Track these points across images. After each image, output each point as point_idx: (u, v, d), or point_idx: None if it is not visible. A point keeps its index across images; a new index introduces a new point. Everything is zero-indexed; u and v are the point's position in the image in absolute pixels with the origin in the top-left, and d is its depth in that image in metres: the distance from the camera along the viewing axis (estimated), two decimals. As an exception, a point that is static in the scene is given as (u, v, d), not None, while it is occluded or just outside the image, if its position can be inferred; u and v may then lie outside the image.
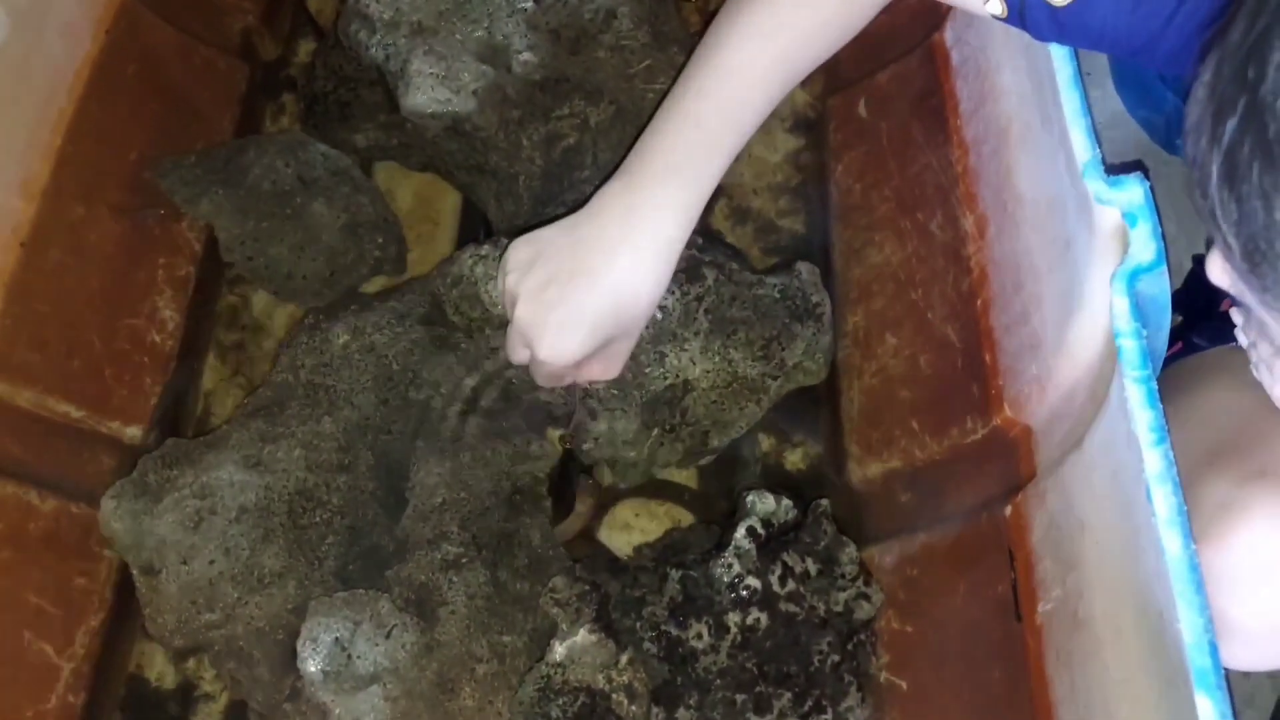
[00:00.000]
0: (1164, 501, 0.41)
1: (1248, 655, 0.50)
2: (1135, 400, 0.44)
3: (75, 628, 0.66)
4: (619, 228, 0.59)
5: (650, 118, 0.63)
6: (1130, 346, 0.45)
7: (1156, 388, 0.44)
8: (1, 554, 0.63)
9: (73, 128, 0.73)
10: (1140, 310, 0.46)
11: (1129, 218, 0.47)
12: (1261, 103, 0.30)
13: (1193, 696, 0.37)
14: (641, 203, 0.59)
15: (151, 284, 0.76)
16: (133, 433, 0.72)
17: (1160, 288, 0.46)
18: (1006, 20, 0.54)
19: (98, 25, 0.77)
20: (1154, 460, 0.42)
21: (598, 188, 0.63)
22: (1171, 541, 0.40)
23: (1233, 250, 0.33)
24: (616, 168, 0.63)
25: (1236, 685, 0.79)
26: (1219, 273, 0.37)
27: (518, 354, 0.63)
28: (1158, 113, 0.95)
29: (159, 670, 0.70)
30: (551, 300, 0.59)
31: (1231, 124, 0.31)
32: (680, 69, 0.63)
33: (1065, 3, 0.50)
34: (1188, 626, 0.39)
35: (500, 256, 0.69)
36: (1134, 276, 0.46)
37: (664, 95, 0.63)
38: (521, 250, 0.61)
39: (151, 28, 0.82)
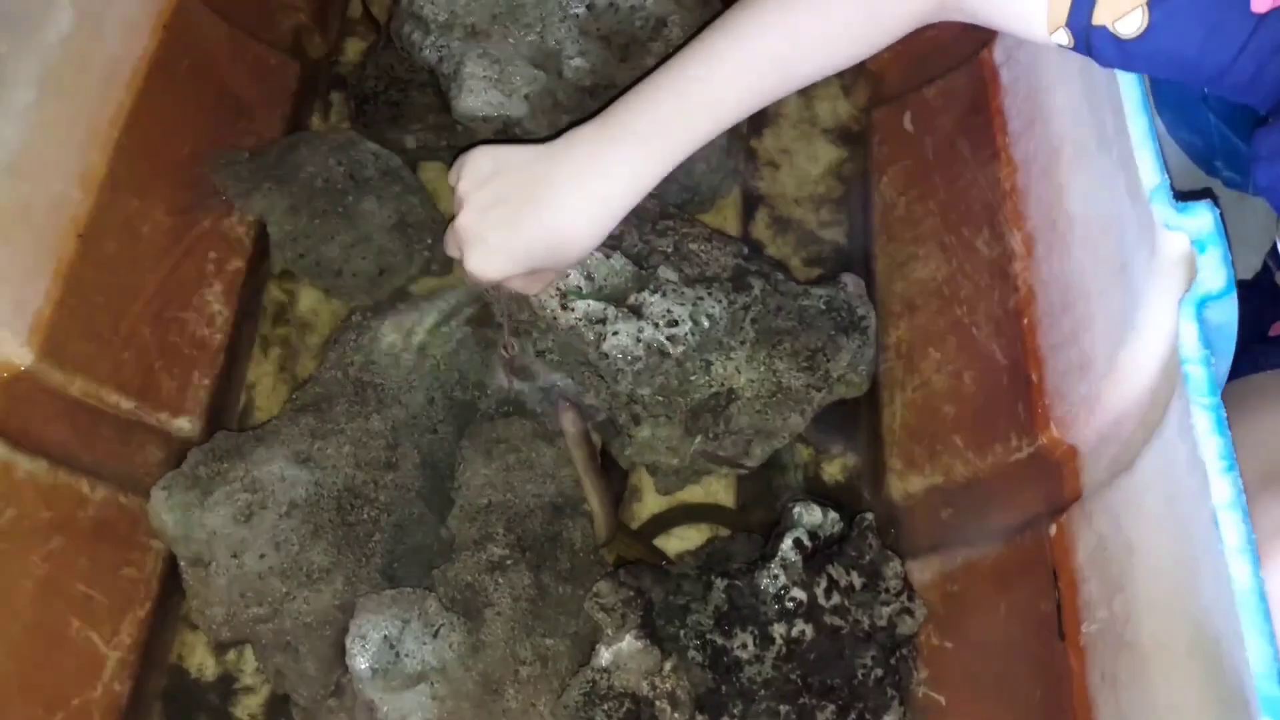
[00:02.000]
0: (1233, 530, 0.42)
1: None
2: (1203, 427, 0.44)
3: (122, 617, 0.66)
4: (576, 174, 0.60)
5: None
6: (1198, 374, 0.45)
7: (1225, 415, 0.45)
8: (52, 542, 0.64)
9: (130, 121, 0.74)
10: (1208, 338, 0.46)
11: (1198, 244, 0.47)
12: None
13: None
14: (604, 156, 0.60)
15: (202, 278, 0.77)
16: (181, 424, 0.73)
17: (1229, 316, 0.46)
18: (1073, 50, 0.54)
19: (156, 20, 0.78)
20: (1223, 488, 0.43)
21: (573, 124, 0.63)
22: (1240, 570, 0.41)
23: None
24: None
25: None
26: None
27: (450, 250, 0.64)
28: (1198, 134, 0.95)
29: (200, 661, 0.70)
30: (493, 221, 0.60)
31: None
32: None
33: (1133, 35, 0.49)
34: (1256, 656, 0.39)
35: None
36: (1203, 304, 0.46)
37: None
38: (482, 160, 0.62)
39: (207, 23, 0.83)
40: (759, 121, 0.93)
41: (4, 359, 0.64)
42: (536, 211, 0.60)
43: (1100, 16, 0.50)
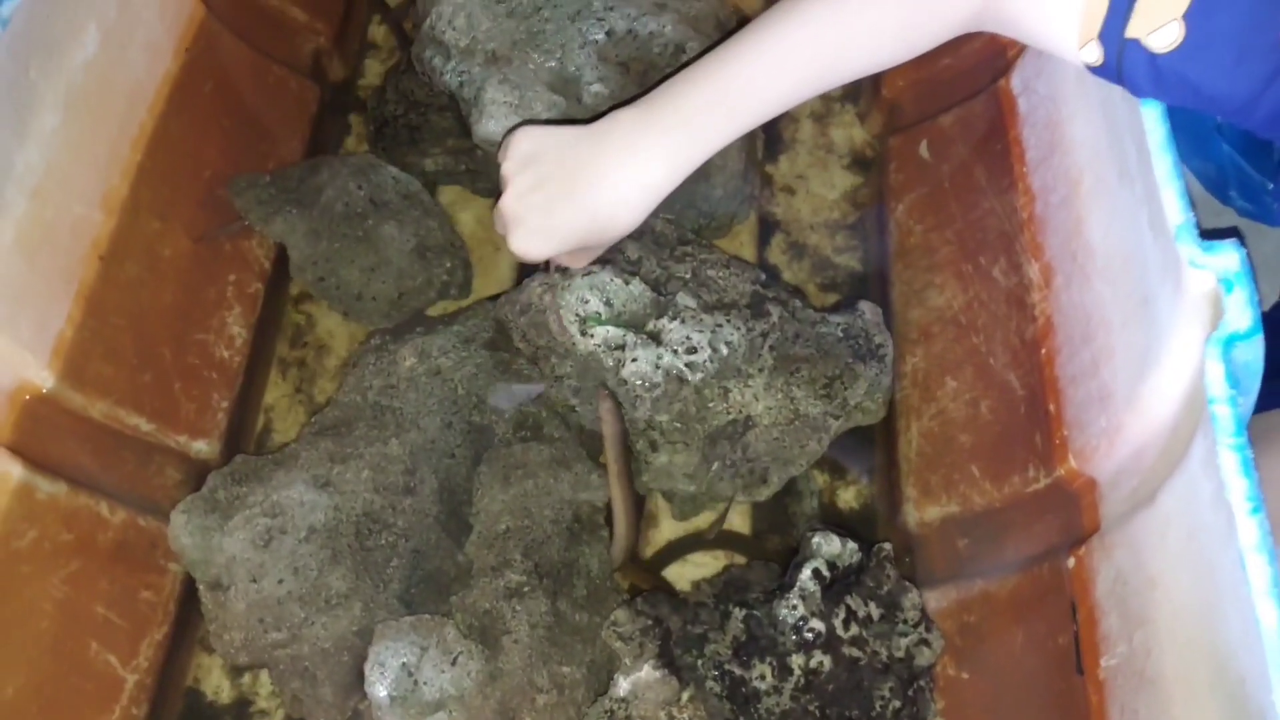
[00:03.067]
0: (1260, 572, 0.42)
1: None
2: (1230, 468, 0.44)
3: (140, 640, 0.66)
4: (616, 158, 0.61)
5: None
6: (1225, 413, 0.46)
7: (1251, 456, 0.45)
8: (72, 564, 0.64)
9: (151, 143, 0.75)
10: (1235, 377, 0.46)
11: (1225, 284, 0.47)
12: None
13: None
14: (644, 142, 0.61)
15: (221, 300, 0.77)
16: (199, 447, 0.73)
17: (1255, 355, 0.47)
18: (1101, 69, 0.54)
19: (179, 43, 0.79)
20: (1249, 529, 0.43)
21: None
22: (1267, 612, 0.41)
23: None
24: (674, 194, 0.64)
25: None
26: None
27: (497, 228, 0.65)
28: (1212, 163, 0.95)
29: (216, 685, 0.70)
30: (535, 204, 0.62)
31: None
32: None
33: (1167, 49, 0.49)
34: (1282, 699, 0.39)
35: (570, 287, 0.70)
36: (1230, 343, 0.46)
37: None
38: (525, 142, 0.63)
39: (228, 47, 0.84)
40: (775, 147, 0.93)
41: (26, 381, 0.64)
42: (576, 196, 0.61)
43: (1135, 29, 0.50)
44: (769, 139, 0.93)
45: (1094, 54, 0.53)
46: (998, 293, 0.76)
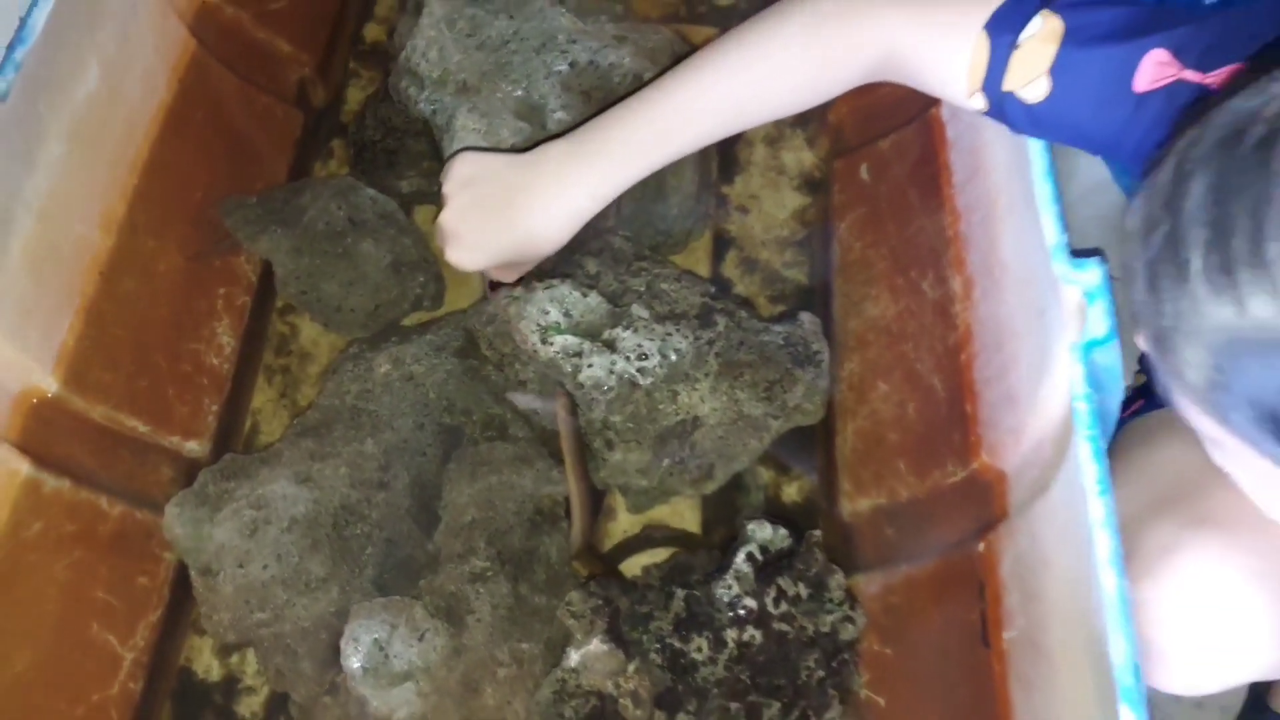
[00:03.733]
0: (1105, 545, 0.48)
1: (1179, 681, 0.57)
2: (1084, 455, 0.51)
3: (137, 622, 0.73)
4: (545, 184, 0.68)
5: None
6: (1083, 409, 0.52)
7: (1104, 446, 0.51)
8: (75, 553, 0.70)
9: (147, 167, 0.81)
10: (1095, 377, 0.53)
11: (1088, 296, 0.54)
12: (1178, 232, 0.37)
13: (1117, 710, 0.44)
14: (570, 172, 0.68)
15: (212, 312, 0.84)
16: (191, 447, 0.80)
17: (1113, 359, 0.53)
18: (987, 114, 0.61)
19: (172, 74, 0.85)
20: (1097, 508, 0.49)
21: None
22: (1108, 579, 0.47)
23: (1148, 336, 0.40)
24: (633, 213, 0.71)
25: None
26: (1143, 345, 0.44)
27: (438, 242, 0.73)
28: (1140, 181, 1.02)
29: (206, 664, 0.76)
30: (471, 223, 0.69)
31: (1157, 242, 0.38)
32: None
33: (1038, 100, 0.57)
34: (1117, 651, 0.46)
35: (532, 300, 0.77)
36: (1089, 348, 0.53)
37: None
38: (464, 166, 0.71)
39: (218, 76, 0.90)
40: (730, 169, 1.00)
41: (33, 386, 0.71)
42: (508, 216, 0.69)
43: (1010, 83, 0.57)
44: (724, 161, 1.00)
45: (980, 103, 0.60)
46: (925, 304, 0.82)
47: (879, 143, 0.94)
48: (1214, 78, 0.50)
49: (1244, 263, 0.34)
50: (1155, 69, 0.51)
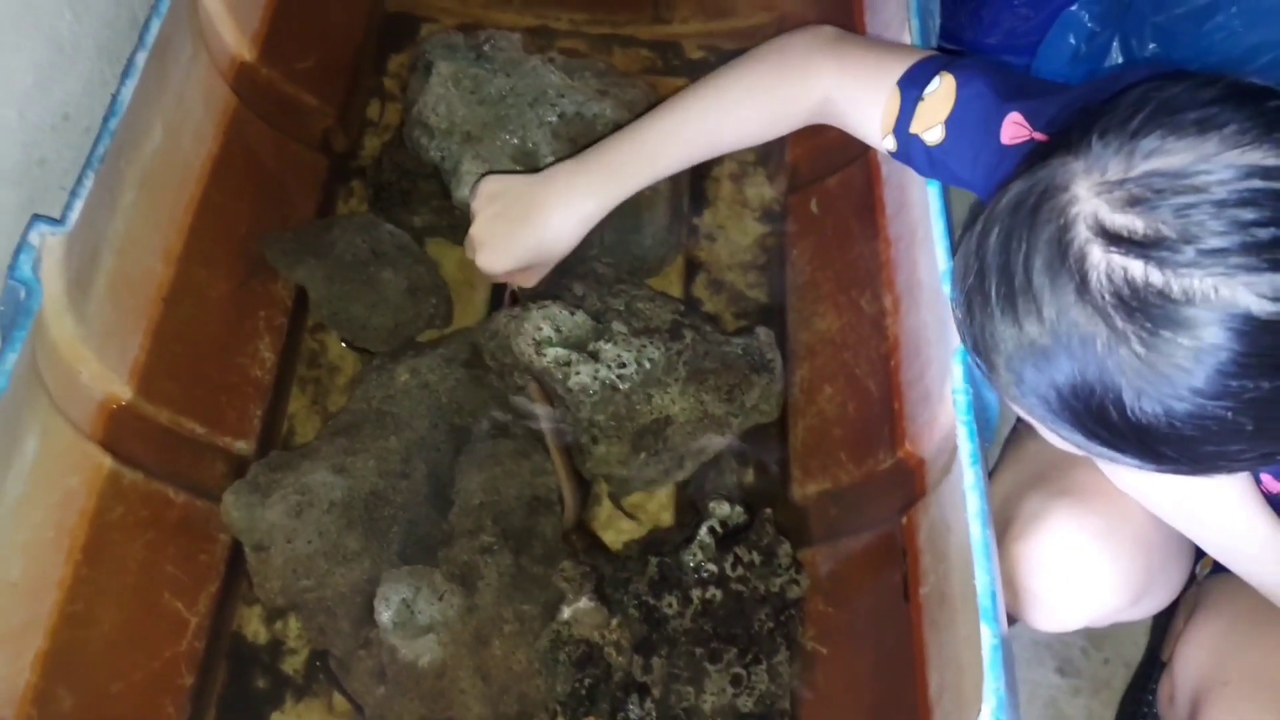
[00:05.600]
0: (973, 503, 0.63)
1: (1050, 620, 0.71)
2: (961, 435, 0.65)
3: (199, 592, 0.86)
4: (558, 195, 0.83)
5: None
6: (960, 400, 0.67)
7: (976, 428, 0.66)
8: (148, 534, 0.84)
9: (199, 208, 0.94)
10: (970, 376, 0.67)
11: (965, 311, 0.68)
12: (983, 269, 0.51)
13: (979, 626, 0.59)
14: (579, 184, 0.83)
15: (255, 331, 0.98)
16: (240, 445, 0.93)
17: (985, 360, 0.68)
18: (896, 155, 0.75)
19: (218, 128, 0.99)
20: (969, 476, 0.64)
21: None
22: (975, 530, 0.62)
23: (968, 348, 0.54)
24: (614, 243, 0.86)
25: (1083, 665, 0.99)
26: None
27: (468, 253, 0.87)
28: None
29: (254, 629, 0.90)
30: (497, 231, 0.84)
31: (971, 277, 0.52)
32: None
33: (935, 144, 0.70)
34: (981, 585, 0.60)
35: (528, 318, 0.91)
36: (965, 354, 0.67)
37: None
38: (491, 184, 0.86)
39: (256, 128, 1.04)
40: (699, 203, 1.14)
41: (112, 394, 0.84)
42: (528, 223, 0.84)
43: (915, 127, 0.71)
44: (694, 195, 1.14)
45: (891, 144, 0.74)
46: (863, 319, 0.97)
47: (827, 180, 1.09)
48: None
49: (1020, 293, 0.48)
50: (1013, 128, 0.65)
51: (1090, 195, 0.46)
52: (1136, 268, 0.44)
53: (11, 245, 0.74)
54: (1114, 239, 0.45)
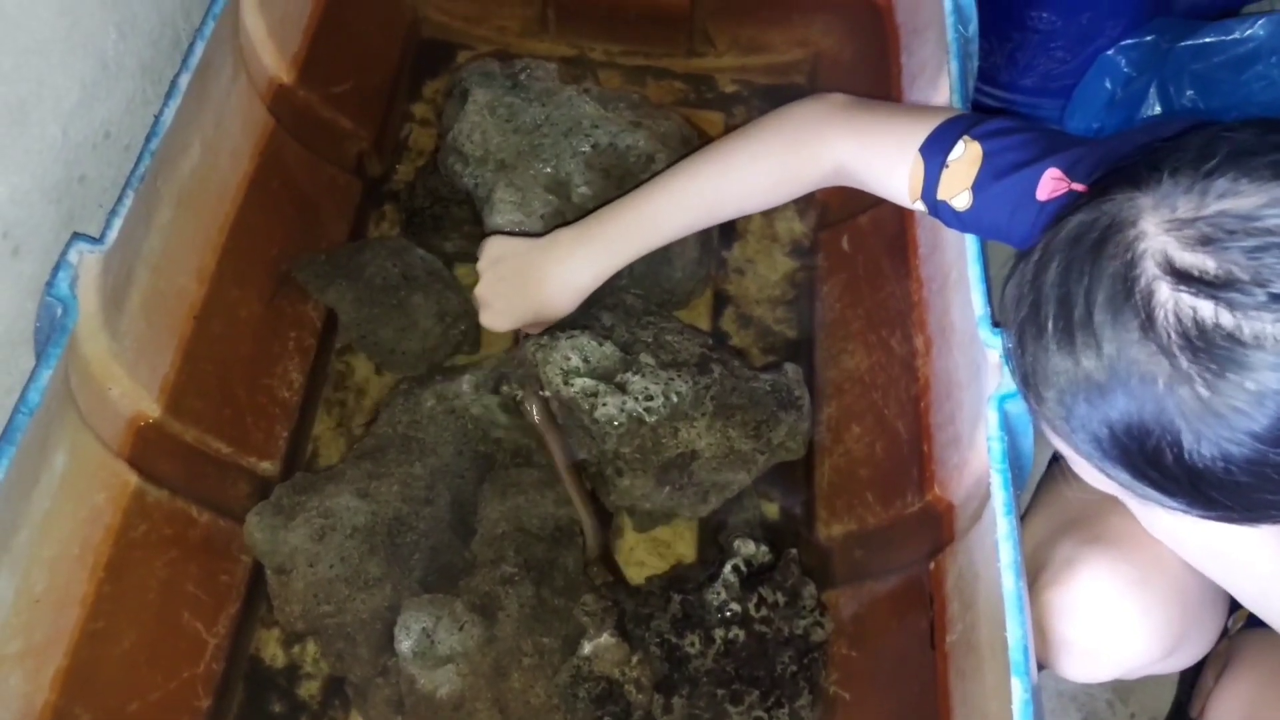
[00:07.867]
0: (1006, 553, 0.62)
1: (1080, 669, 0.70)
2: (995, 484, 0.65)
3: (219, 613, 0.86)
4: (556, 265, 0.85)
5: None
6: (996, 448, 0.66)
7: (1010, 476, 0.65)
8: (171, 552, 0.84)
9: (233, 228, 0.95)
10: (1006, 423, 0.67)
11: (1004, 357, 0.67)
12: (1038, 301, 0.50)
13: (1007, 677, 0.57)
14: (576, 255, 0.85)
15: (284, 352, 0.98)
16: (265, 466, 0.93)
17: (1023, 409, 0.67)
18: (928, 214, 0.75)
19: (254, 149, 1.00)
20: (1003, 525, 0.63)
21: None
22: (1008, 580, 0.61)
23: (1018, 379, 0.54)
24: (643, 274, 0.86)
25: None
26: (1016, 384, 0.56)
27: (475, 305, 0.89)
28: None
29: (272, 652, 0.89)
30: (499, 292, 0.87)
31: (1025, 308, 0.52)
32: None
33: (964, 209, 0.70)
34: (1012, 635, 0.59)
35: (556, 347, 0.91)
36: (1003, 400, 0.67)
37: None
38: (495, 247, 0.88)
39: (290, 150, 1.05)
40: (729, 237, 1.14)
41: (141, 411, 0.84)
42: (527, 290, 0.86)
43: (942, 194, 0.71)
44: (725, 230, 1.14)
45: (920, 207, 0.74)
46: (893, 359, 0.96)
47: (859, 218, 1.09)
48: None
49: (1079, 327, 0.48)
50: (1052, 183, 0.65)
51: (1159, 232, 0.46)
52: (1206, 308, 0.44)
53: (51, 260, 0.75)
54: (1183, 277, 0.44)
